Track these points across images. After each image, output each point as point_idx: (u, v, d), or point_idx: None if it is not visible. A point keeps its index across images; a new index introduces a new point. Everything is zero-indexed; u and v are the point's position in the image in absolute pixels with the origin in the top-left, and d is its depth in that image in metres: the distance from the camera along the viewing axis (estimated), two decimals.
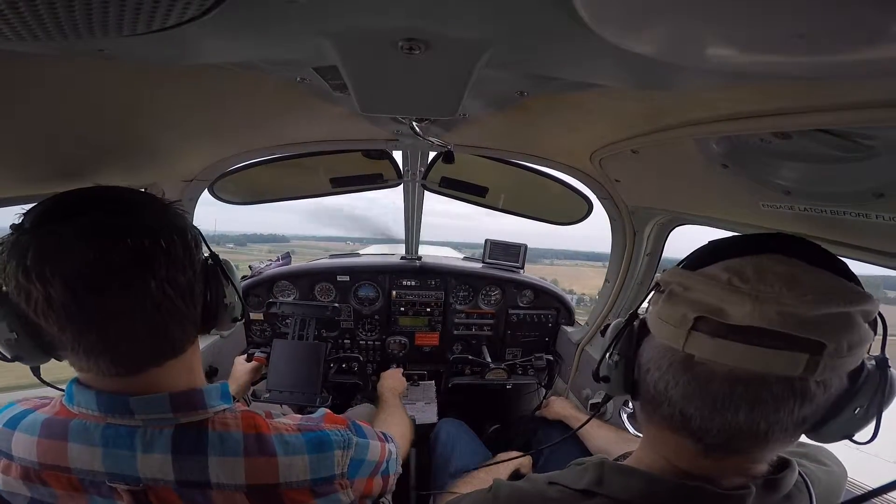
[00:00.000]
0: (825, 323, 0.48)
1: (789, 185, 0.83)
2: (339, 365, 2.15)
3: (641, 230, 1.64)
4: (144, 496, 0.63)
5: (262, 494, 0.64)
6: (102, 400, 0.63)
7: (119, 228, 0.58)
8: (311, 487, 0.66)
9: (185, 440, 0.63)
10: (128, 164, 1.21)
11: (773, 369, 0.49)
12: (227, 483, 0.62)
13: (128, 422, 0.63)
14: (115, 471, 0.62)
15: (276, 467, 0.64)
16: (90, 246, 0.55)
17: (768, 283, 0.51)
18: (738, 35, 0.38)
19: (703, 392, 0.53)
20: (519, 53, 0.61)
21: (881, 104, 0.54)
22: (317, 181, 1.82)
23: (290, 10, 0.48)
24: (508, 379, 2.14)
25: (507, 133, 1.43)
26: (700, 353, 0.52)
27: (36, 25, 0.41)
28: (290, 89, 0.98)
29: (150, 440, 0.62)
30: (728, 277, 0.52)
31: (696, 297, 0.53)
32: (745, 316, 0.50)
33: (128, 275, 0.57)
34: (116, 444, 0.62)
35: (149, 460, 0.62)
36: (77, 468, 0.63)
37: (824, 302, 0.49)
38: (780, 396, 0.50)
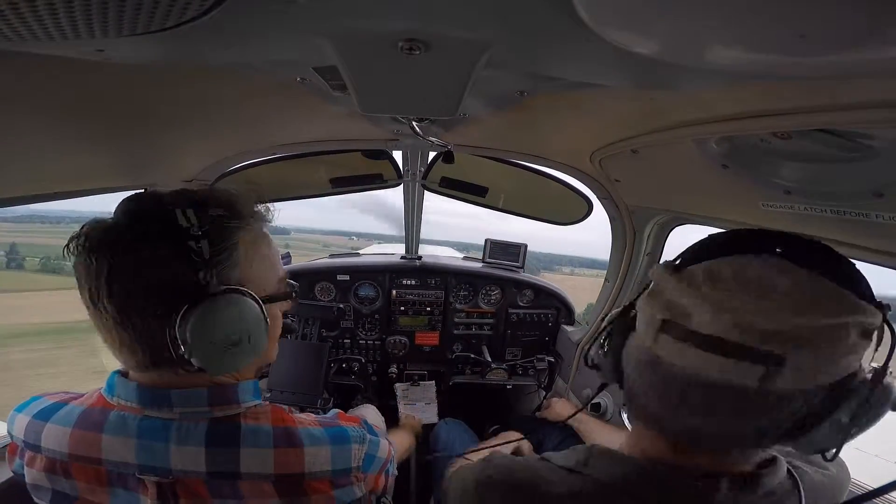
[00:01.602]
0: (791, 335, 0.47)
1: (789, 185, 0.83)
2: (339, 365, 2.15)
3: (641, 230, 1.64)
4: (171, 488, 0.65)
5: (287, 484, 0.66)
6: (144, 392, 0.65)
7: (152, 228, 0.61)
8: (331, 478, 0.69)
9: (219, 433, 0.65)
10: (128, 165, 1.21)
11: (730, 379, 0.49)
12: (256, 473, 0.65)
13: (165, 414, 0.65)
14: (147, 463, 0.64)
15: (303, 458, 0.67)
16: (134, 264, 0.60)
17: (736, 290, 0.50)
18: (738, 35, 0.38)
19: (665, 393, 0.54)
20: (519, 53, 0.61)
21: (881, 104, 0.54)
22: (317, 181, 1.82)
23: (290, 11, 0.48)
24: (509, 379, 2.14)
25: (507, 133, 1.43)
26: (665, 354, 0.53)
27: (36, 25, 0.41)
28: (290, 89, 0.98)
29: (185, 433, 0.64)
30: (702, 280, 0.52)
31: (668, 298, 0.54)
32: (705, 324, 0.50)
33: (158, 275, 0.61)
34: (152, 437, 0.64)
35: (182, 452, 0.64)
36: (108, 459, 0.64)
37: (796, 312, 0.47)
38: (736, 406, 0.50)
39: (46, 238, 45.53)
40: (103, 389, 0.69)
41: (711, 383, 0.50)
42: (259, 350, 0.66)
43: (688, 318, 0.52)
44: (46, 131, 0.84)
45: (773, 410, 0.49)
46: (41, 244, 41.72)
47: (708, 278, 0.52)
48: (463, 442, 1.62)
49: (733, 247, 0.55)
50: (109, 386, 0.68)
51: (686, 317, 0.52)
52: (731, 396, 0.49)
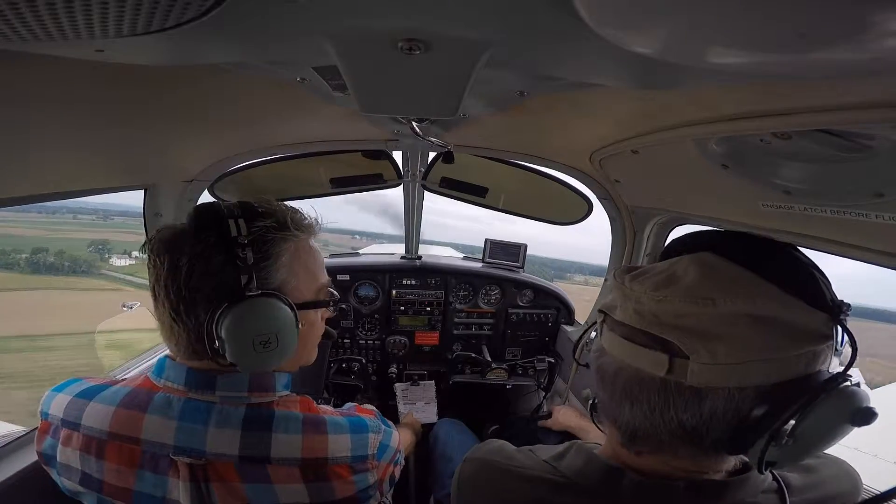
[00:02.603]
0: (691, 325, 0.47)
1: (789, 185, 0.83)
2: (340, 365, 2.15)
3: (641, 230, 1.64)
4: (203, 470, 0.68)
5: (313, 468, 0.71)
6: (191, 375, 0.71)
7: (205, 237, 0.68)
8: (350, 464, 0.74)
9: (255, 418, 0.70)
10: (128, 165, 1.21)
11: (643, 367, 0.51)
12: (286, 457, 0.69)
13: (207, 397, 0.70)
14: (183, 444, 0.68)
15: (327, 444, 0.72)
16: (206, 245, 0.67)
17: (646, 282, 0.52)
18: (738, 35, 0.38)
19: (604, 382, 0.58)
20: (519, 53, 0.61)
21: (881, 104, 0.54)
22: (317, 181, 1.82)
23: (290, 10, 0.48)
24: (509, 379, 2.14)
25: (507, 133, 1.42)
26: (605, 345, 0.58)
27: (36, 25, 0.41)
28: (290, 89, 0.98)
29: (225, 416, 0.69)
30: (638, 272, 0.56)
31: (611, 292, 0.59)
32: (618, 312, 0.55)
33: (209, 278, 0.67)
34: (192, 419, 0.69)
35: (219, 435, 0.68)
36: (146, 439, 0.68)
37: (695, 301, 0.47)
38: (654, 396, 0.51)
39: None
40: (150, 373, 0.74)
41: (632, 372, 0.52)
42: (287, 351, 0.70)
43: (614, 309, 0.57)
44: (46, 131, 0.84)
45: (692, 406, 0.49)
46: None
47: (636, 274, 0.56)
48: (462, 441, 1.62)
49: (683, 247, 0.58)
50: (159, 368, 0.73)
51: (613, 308, 0.57)
52: (648, 387, 0.51)
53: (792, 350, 0.47)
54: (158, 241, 0.69)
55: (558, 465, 0.63)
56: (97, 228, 55.58)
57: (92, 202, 68.83)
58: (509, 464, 0.66)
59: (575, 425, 1.59)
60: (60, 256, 40.37)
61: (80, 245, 46.29)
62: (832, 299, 0.49)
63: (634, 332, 0.52)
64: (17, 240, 43.88)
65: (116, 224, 57.43)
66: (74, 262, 40.91)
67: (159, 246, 0.68)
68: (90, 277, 38.56)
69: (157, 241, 0.69)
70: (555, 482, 0.61)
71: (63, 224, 51.41)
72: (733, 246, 0.54)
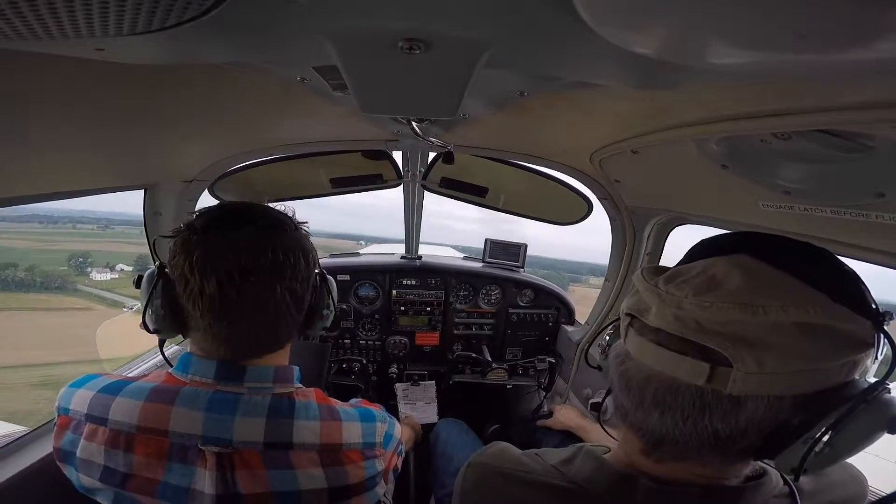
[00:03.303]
0: (734, 332, 0.45)
1: (789, 185, 0.83)
2: (340, 366, 2.15)
3: (641, 230, 1.64)
4: (230, 459, 0.71)
5: (329, 452, 0.76)
6: (222, 368, 0.74)
7: (264, 243, 0.72)
8: (361, 450, 0.79)
9: (278, 407, 0.75)
10: (128, 165, 1.21)
11: (680, 375, 0.49)
12: (306, 443, 0.74)
13: (235, 389, 0.74)
14: (211, 434, 0.71)
15: (341, 430, 0.77)
16: (241, 255, 0.69)
17: (685, 285, 0.49)
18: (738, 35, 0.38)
19: (629, 389, 0.55)
20: (519, 53, 0.61)
21: (881, 104, 0.54)
22: (317, 181, 1.82)
23: (290, 10, 0.48)
24: (509, 379, 2.14)
25: (507, 133, 1.43)
26: (632, 349, 0.55)
27: (36, 24, 0.41)
28: (290, 89, 0.98)
29: (252, 405, 0.73)
30: (664, 278, 0.53)
31: (638, 295, 0.56)
32: (654, 317, 0.51)
33: (264, 281, 0.71)
34: (220, 410, 0.72)
35: (245, 423, 0.72)
36: (174, 431, 0.71)
37: (741, 308, 0.45)
38: (689, 406, 0.49)
39: None
40: (172, 370, 0.77)
41: (666, 380, 0.50)
42: None
43: (646, 313, 0.53)
44: (46, 131, 0.84)
45: (729, 416, 0.48)
46: None
47: (670, 276, 0.53)
48: (463, 441, 1.62)
49: (716, 248, 0.55)
50: (184, 365, 0.76)
51: (646, 312, 0.53)
52: (683, 395, 0.49)
53: (837, 359, 0.45)
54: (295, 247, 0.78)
55: (566, 470, 0.62)
56: (94, 239, 52.81)
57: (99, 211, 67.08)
58: (515, 469, 0.65)
59: (575, 425, 1.59)
60: (31, 272, 37.86)
61: (61, 258, 43.58)
62: (876, 306, 0.47)
63: (671, 339, 0.50)
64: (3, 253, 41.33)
65: (114, 234, 55.40)
66: (47, 277, 38.45)
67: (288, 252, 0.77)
68: (63, 294, 36.26)
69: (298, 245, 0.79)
70: (562, 488, 0.59)
71: (58, 234, 49.93)
72: (772, 249, 0.51)
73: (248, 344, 0.75)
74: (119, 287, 38.92)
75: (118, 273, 39.16)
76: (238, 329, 0.73)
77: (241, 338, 0.74)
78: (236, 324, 0.72)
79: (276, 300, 0.73)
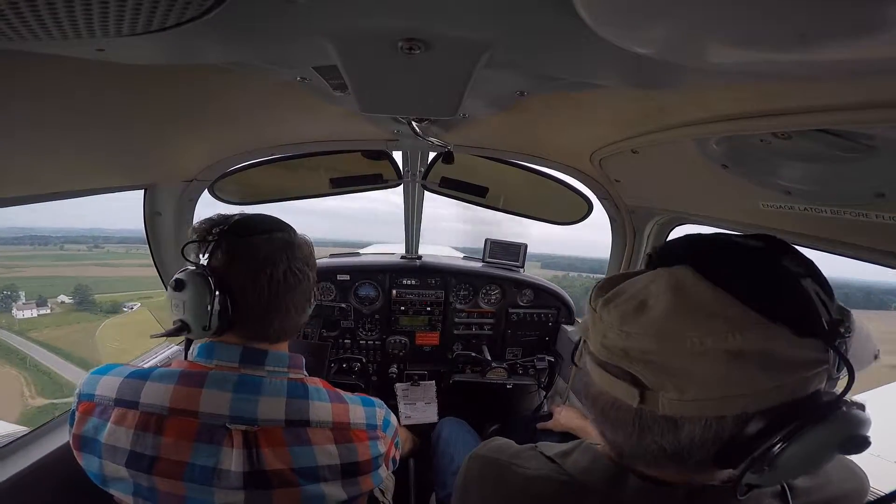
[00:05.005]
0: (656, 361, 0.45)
1: (789, 185, 0.83)
2: (340, 365, 2.15)
3: (641, 230, 1.64)
4: (255, 437, 0.77)
5: (341, 430, 0.84)
6: (247, 352, 0.82)
7: (293, 245, 0.87)
8: (366, 430, 0.88)
9: (295, 388, 0.83)
10: (128, 165, 1.21)
11: (617, 396, 0.50)
12: (322, 420, 0.82)
13: (257, 372, 0.82)
14: (238, 414, 0.77)
15: (348, 412, 0.86)
16: (283, 254, 0.83)
17: (615, 309, 0.50)
18: (737, 35, 0.38)
19: (586, 402, 0.58)
20: (519, 53, 0.61)
21: (881, 104, 0.54)
22: (317, 181, 1.82)
23: (290, 10, 0.49)
24: (509, 379, 2.14)
25: (507, 133, 1.43)
26: (585, 367, 0.57)
27: (36, 24, 0.41)
28: (290, 89, 0.98)
29: (274, 387, 0.81)
30: (603, 299, 0.53)
31: (586, 315, 0.57)
32: (591, 341, 0.54)
33: (296, 274, 0.85)
34: (246, 390, 0.79)
35: (269, 402, 0.79)
36: (204, 412, 0.76)
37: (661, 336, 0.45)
38: (631, 423, 0.50)
39: None
40: (194, 357, 0.84)
41: (610, 399, 0.52)
42: None
43: (588, 335, 0.55)
44: (46, 131, 0.84)
45: (669, 434, 0.47)
46: None
47: (611, 296, 0.53)
48: (464, 441, 1.62)
49: (668, 256, 0.54)
50: (207, 352, 0.83)
51: (587, 334, 0.55)
52: (625, 413, 0.50)
53: (776, 381, 0.43)
54: (306, 255, 0.90)
55: (563, 462, 0.63)
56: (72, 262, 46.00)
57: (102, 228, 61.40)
58: (513, 461, 0.66)
59: (576, 426, 1.58)
60: None
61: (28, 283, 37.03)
62: (828, 320, 0.44)
63: (601, 362, 0.52)
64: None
65: (96, 255, 49.67)
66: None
67: (307, 260, 0.90)
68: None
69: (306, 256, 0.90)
70: (559, 481, 0.60)
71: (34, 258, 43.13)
72: (715, 259, 0.49)
73: (275, 331, 0.85)
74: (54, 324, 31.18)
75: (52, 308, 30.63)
76: (272, 318, 0.83)
77: (271, 326, 0.84)
78: (272, 313, 0.83)
79: (299, 291, 0.85)
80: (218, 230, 0.82)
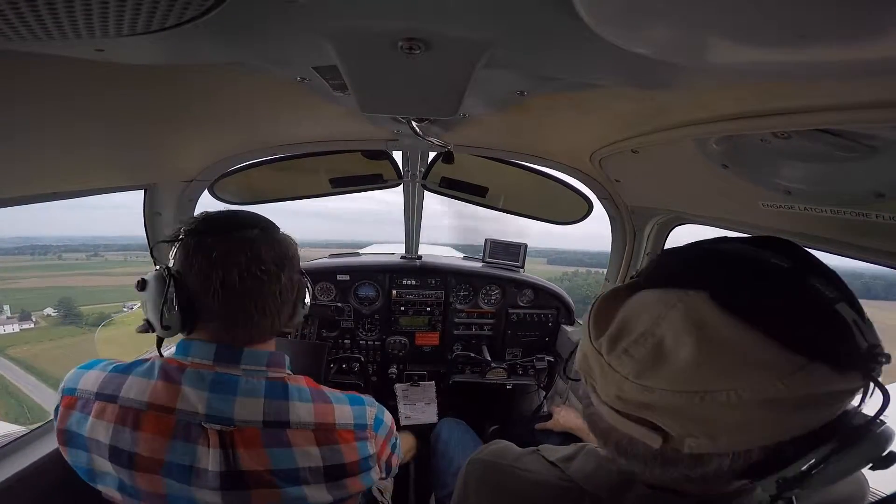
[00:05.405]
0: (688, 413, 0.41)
1: (789, 185, 0.83)
2: (340, 365, 2.15)
3: (641, 230, 1.64)
4: (231, 437, 0.75)
5: (324, 431, 0.81)
6: (221, 350, 0.79)
7: (269, 240, 0.81)
8: (353, 430, 0.84)
9: (273, 389, 0.80)
10: (128, 165, 1.21)
11: (637, 436, 0.47)
12: (303, 422, 0.79)
13: (233, 371, 0.79)
14: (215, 413, 0.75)
15: (333, 412, 0.83)
16: (254, 251, 0.78)
17: (628, 356, 0.45)
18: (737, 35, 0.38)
19: (596, 433, 0.54)
20: (519, 53, 0.61)
21: (881, 104, 0.54)
22: (317, 181, 1.82)
23: (290, 10, 0.49)
24: (508, 379, 2.13)
25: (507, 133, 1.43)
26: (594, 401, 0.53)
27: (36, 25, 0.41)
28: (290, 89, 0.98)
29: (250, 386, 0.78)
30: (609, 333, 0.48)
31: (584, 345, 0.53)
32: (600, 389, 0.50)
33: (269, 272, 0.79)
34: (222, 390, 0.77)
35: (245, 402, 0.77)
36: (181, 409, 0.75)
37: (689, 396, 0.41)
38: (650, 459, 0.48)
39: None
40: (172, 353, 0.81)
41: (626, 436, 0.49)
42: None
43: (594, 380, 0.51)
44: (46, 131, 0.84)
45: (695, 468, 0.46)
46: None
47: (615, 336, 0.48)
48: (463, 441, 1.62)
49: (677, 274, 0.48)
50: (184, 349, 0.80)
51: (591, 378, 0.52)
52: (646, 450, 0.47)
53: (812, 415, 0.41)
54: (291, 253, 0.85)
55: (566, 467, 0.62)
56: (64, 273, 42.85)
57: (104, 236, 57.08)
58: (514, 466, 0.65)
59: (575, 426, 1.58)
60: None
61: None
62: (866, 348, 0.40)
63: (619, 411, 0.48)
64: None
65: (93, 265, 46.54)
66: None
67: (287, 257, 0.84)
68: None
69: (291, 253, 0.86)
70: (560, 486, 0.60)
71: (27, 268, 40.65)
72: (735, 284, 0.43)
73: (244, 331, 0.81)
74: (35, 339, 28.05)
75: (35, 322, 27.84)
76: (244, 316, 0.79)
77: (245, 324, 0.80)
78: (244, 311, 0.79)
79: (266, 293, 0.80)
80: (184, 230, 0.80)
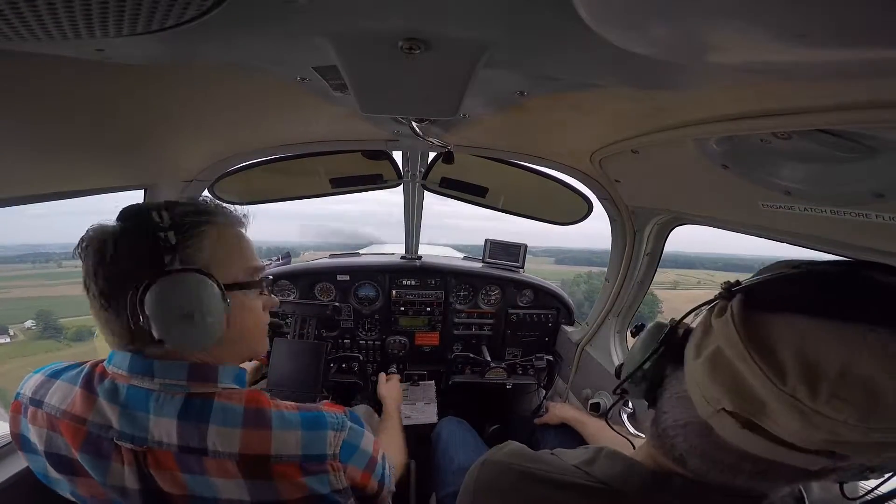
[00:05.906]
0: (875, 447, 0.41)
1: (789, 186, 0.83)
2: (339, 365, 2.15)
3: (641, 230, 1.64)
4: (144, 458, 0.68)
5: (252, 464, 0.67)
6: (134, 361, 0.70)
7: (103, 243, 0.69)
8: (300, 463, 0.69)
9: (191, 408, 0.69)
10: (128, 165, 1.21)
11: (791, 462, 0.45)
12: (221, 451, 0.67)
13: (147, 384, 0.70)
14: (126, 430, 0.68)
15: (270, 440, 0.68)
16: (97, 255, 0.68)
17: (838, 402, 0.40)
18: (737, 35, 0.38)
19: (709, 454, 0.51)
20: (519, 53, 0.61)
21: (881, 104, 0.54)
22: (317, 181, 1.82)
23: (290, 10, 0.48)
24: (508, 379, 2.14)
25: (507, 133, 1.42)
26: (722, 431, 0.48)
27: (36, 25, 0.41)
28: (290, 89, 0.98)
29: (162, 404, 0.68)
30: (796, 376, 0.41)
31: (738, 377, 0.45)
32: (789, 432, 0.43)
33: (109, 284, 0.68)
34: (135, 405, 0.69)
35: (159, 423, 0.68)
36: (93, 421, 0.69)
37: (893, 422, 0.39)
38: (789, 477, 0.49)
39: None
40: (105, 361, 0.75)
41: (766, 460, 0.46)
42: (215, 329, 0.69)
43: (764, 416, 0.43)
44: (46, 131, 0.84)
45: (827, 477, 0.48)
46: None
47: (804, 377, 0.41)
48: (465, 441, 1.62)
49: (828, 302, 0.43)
50: (111, 355, 0.74)
51: (762, 415, 0.43)
52: (786, 472, 0.47)
53: None
54: (88, 237, 0.69)
55: (590, 470, 0.61)
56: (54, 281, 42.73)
57: None
58: (535, 467, 0.64)
59: (571, 417, 1.60)
60: None
61: None
62: None
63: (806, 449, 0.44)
64: None
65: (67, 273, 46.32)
66: None
67: (88, 239, 0.69)
68: None
69: (87, 236, 0.70)
70: (590, 487, 0.59)
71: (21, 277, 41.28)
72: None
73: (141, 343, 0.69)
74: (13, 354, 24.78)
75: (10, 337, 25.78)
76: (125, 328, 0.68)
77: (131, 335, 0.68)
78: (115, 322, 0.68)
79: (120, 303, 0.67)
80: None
